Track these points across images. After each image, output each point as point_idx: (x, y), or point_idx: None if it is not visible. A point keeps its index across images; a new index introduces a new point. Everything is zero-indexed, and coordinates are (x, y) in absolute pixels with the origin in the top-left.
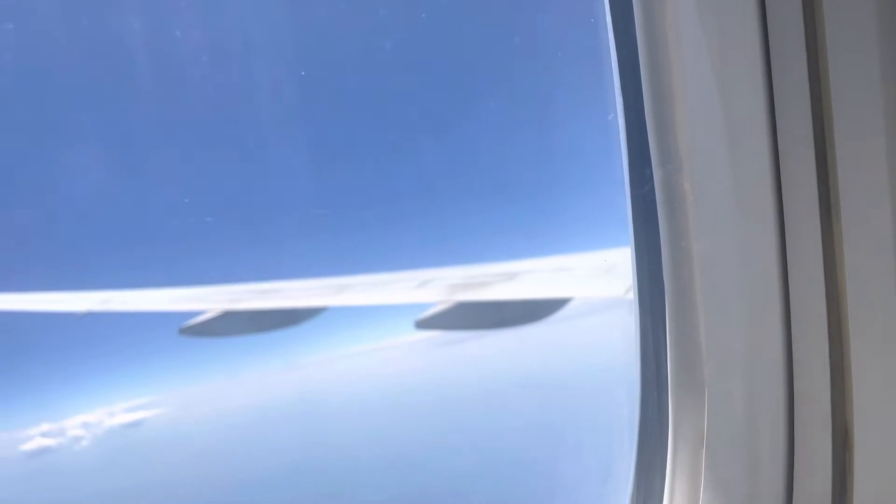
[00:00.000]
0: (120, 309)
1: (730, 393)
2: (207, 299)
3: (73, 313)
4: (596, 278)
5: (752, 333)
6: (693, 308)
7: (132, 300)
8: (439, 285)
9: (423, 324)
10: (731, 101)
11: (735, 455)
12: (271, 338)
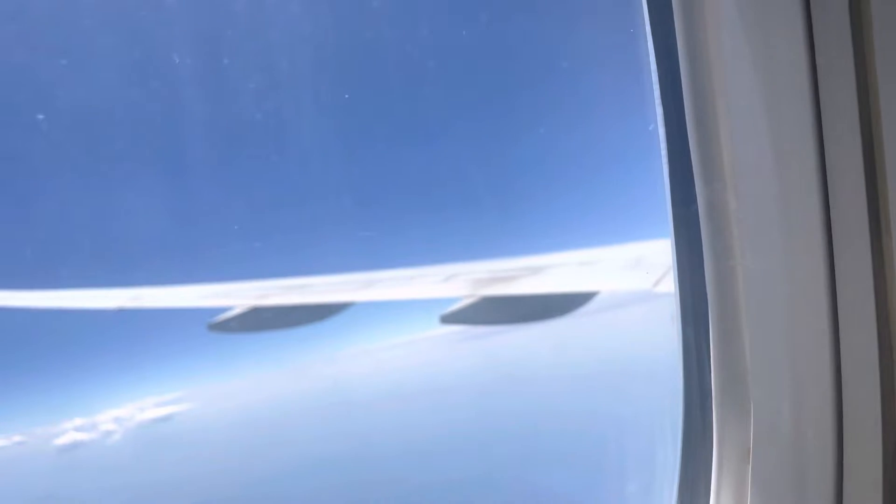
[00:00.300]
0: (150, 305)
1: (776, 406)
2: (235, 295)
3: (104, 310)
4: (623, 271)
5: (800, 347)
6: (738, 323)
7: (162, 297)
8: (465, 280)
9: (449, 318)
10: (777, 116)
11: (782, 469)
12: (299, 333)
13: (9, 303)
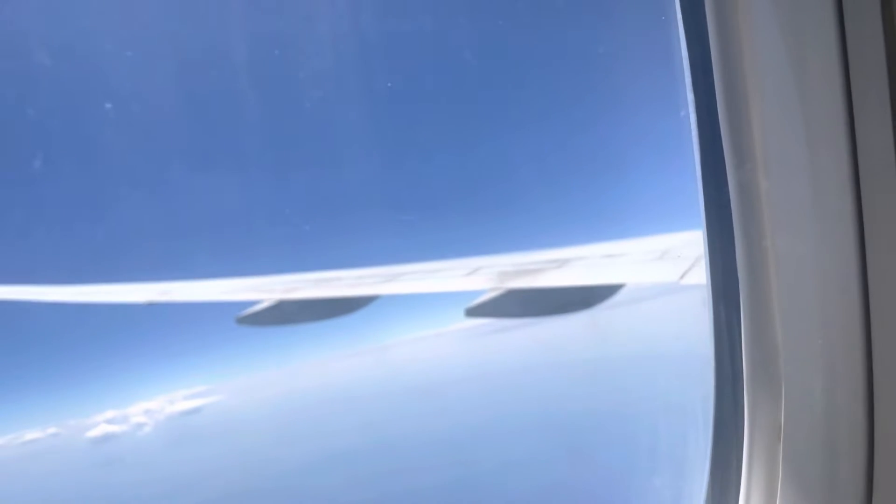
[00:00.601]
0: (179, 299)
1: (808, 385)
2: (263, 289)
3: (134, 304)
4: (649, 264)
5: (831, 327)
6: (769, 303)
7: (190, 290)
8: (489, 273)
9: (474, 311)
10: (808, 97)
11: (814, 447)
12: (325, 326)
13: (42, 298)
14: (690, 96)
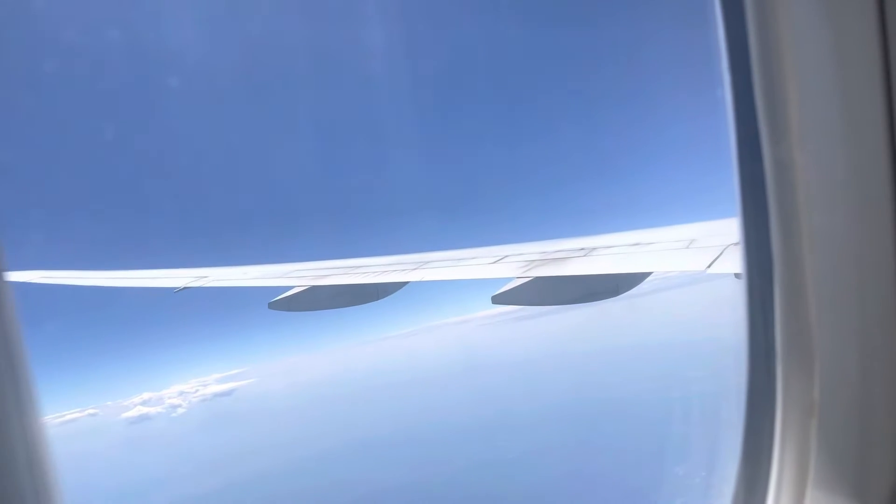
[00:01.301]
0: (213, 284)
1: (842, 360)
2: (295, 275)
3: (170, 289)
4: (676, 253)
5: (866, 301)
6: (804, 279)
7: (225, 276)
8: (516, 261)
9: (501, 299)
10: (846, 72)
11: (848, 424)
12: (355, 312)
13: (82, 282)
14: (727, 73)
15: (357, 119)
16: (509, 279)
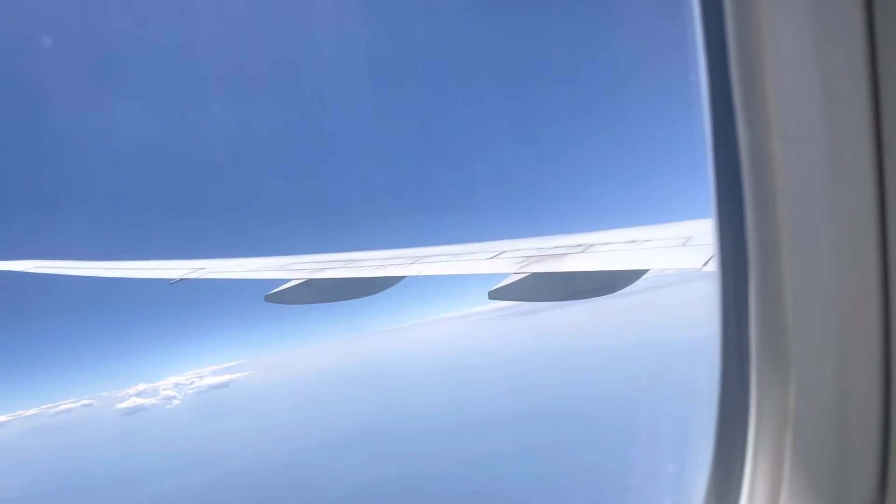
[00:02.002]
0: (210, 276)
1: (820, 365)
2: (292, 268)
3: (167, 280)
4: (672, 251)
5: (846, 301)
6: (779, 275)
7: (222, 268)
8: (513, 256)
9: (497, 294)
10: (827, 52)
11: (824, 434)
12: (351, 306)
13: (76, 272)
14: (703, 55)
15: (356, 113)
16: (506, 275)
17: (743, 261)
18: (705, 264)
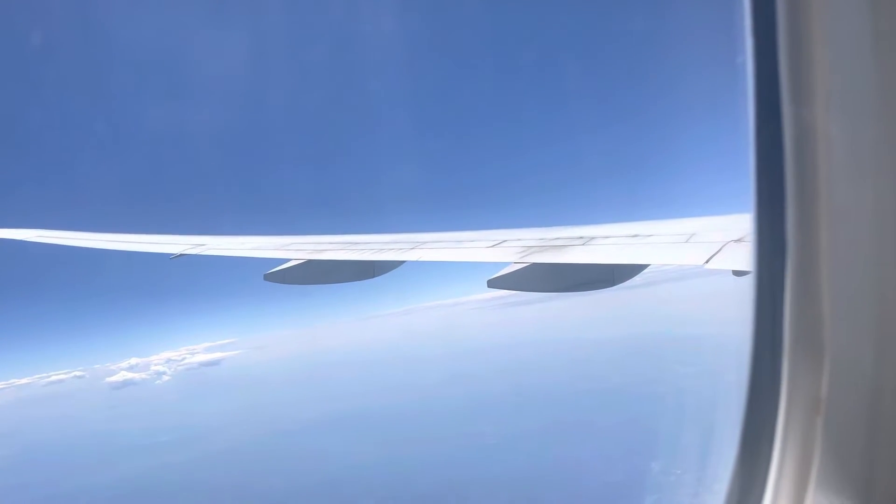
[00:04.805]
0: (211, 253)
1: (855, 353)
2: (292, 248)
3: (167, 255)
4: (675, 246)
5: (885, 295)
6: (818, 263)
7: (223, 245)
8: (514, 246)
9: (496, 283)
10: (882, 28)
11: (857, 425)
12: (350, 288)
13: (77, 243)
14: (749, 25)
15: (363, 100)
16: (506, 264)
17: (781, 245)
18: (707, 261)
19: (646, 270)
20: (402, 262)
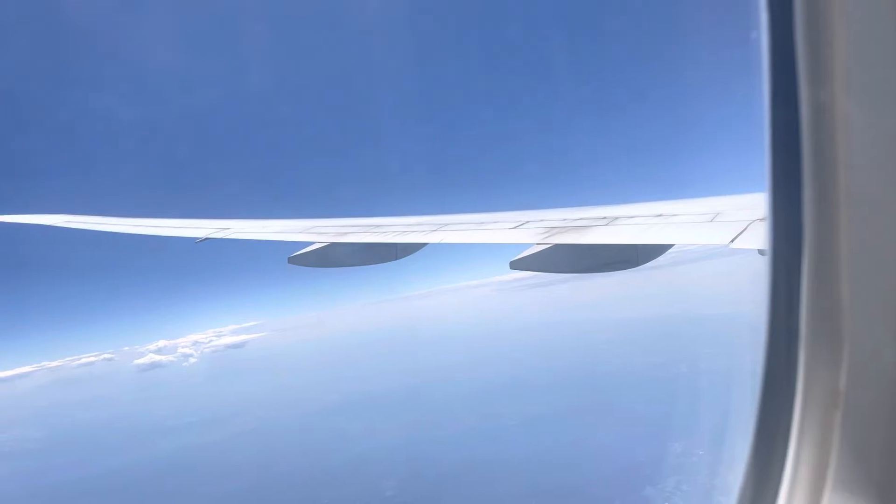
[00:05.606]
0: (235, 237)
1: (875, 345)
2: (316, 231)
3: (192, 239)
4: (699, 226)
5: None
6: (836, 251)
7: (247, 228)
8: (536, 227)
9: (519, 264)
10: None
11: (877, 419)
12: (373, 270)
13: (104, 228)
14: (765, 14)
15: (387, 84)
16: (529, 245)
17: (797, 232)
18: (733, 241)
19: (670, 250)
20: (425, 244)
